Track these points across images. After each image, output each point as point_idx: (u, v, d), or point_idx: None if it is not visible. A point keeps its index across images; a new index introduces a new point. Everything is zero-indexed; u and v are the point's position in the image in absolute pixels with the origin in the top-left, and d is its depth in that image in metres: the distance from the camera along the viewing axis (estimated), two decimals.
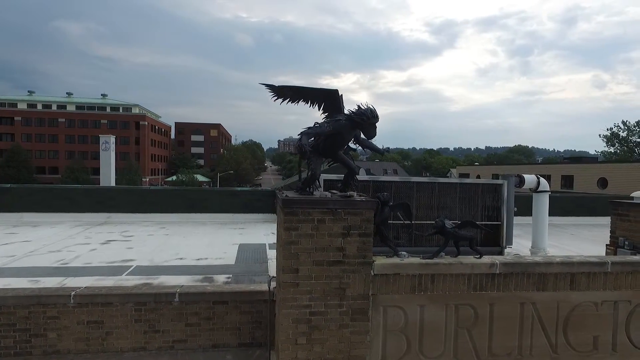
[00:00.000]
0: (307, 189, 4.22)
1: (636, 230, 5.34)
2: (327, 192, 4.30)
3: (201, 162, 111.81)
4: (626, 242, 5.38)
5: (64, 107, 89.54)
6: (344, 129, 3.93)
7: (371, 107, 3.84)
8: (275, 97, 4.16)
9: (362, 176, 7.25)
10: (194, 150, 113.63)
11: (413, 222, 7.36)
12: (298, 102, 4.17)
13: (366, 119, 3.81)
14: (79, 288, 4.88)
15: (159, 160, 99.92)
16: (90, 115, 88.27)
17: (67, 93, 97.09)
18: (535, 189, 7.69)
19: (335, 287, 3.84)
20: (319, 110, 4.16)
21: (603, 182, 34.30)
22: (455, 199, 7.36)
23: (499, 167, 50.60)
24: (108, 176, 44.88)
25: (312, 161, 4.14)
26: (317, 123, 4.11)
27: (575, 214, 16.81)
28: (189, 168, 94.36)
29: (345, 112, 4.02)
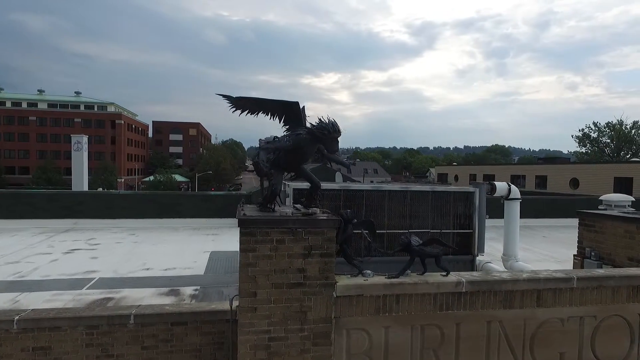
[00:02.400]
0: (268, 205, 4.02)
1: (602, 241, 5.35)
2: (289, 209, 4.10)
3: (180, 161, 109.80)
4: (593, 253, 5.38)
5: (35, 105, 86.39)
6: (305, 143, 3.75)
7: (332, 120, 3.67)
8: (234, 109, 3.94)
9: (333, 184, 7.07)
10: (172, 149, 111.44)
11: (386, 231, 7.25)
12: (257, 114, 3.96)
13: (327, 133, 3.64)
14: (25, 311, 4.53)
15: (135, 160, 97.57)
16: (63, 114, 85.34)
17: (38, 90, 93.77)
18: (507, 197, 7.68)
19: (295, 310, 3.65)
20: (279, 122, 3.96)
21: (575, 182, 35.26)
22: (428, 208, 7.27)
23: (476, 167, 51.45)
24: (80, 177, 43.44)
25: (272, 177, 3.94)
26: (277, 137, 3.91)
27: (547, 215, 17.14)
28: (167, 168, 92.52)
29: (307, 125, 3.83)
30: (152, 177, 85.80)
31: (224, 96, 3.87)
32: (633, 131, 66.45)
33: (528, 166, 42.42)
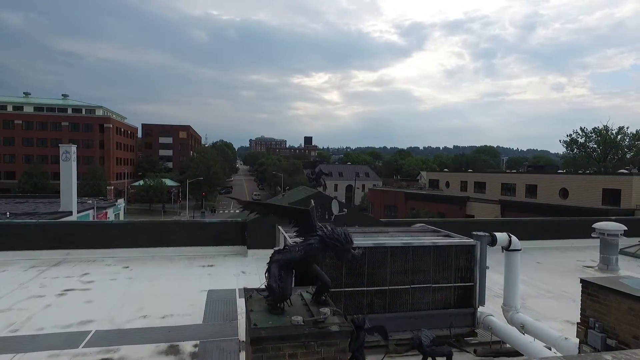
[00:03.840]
0: (278, 305, 3.96)
1: (605, 313, 5.39)
2: (299, 311, 4.03)
3: (169, 164, 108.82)
4: (596, 324, 5.41)
5: (21, 108, 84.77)
6: (317, 252, 3.70)
7: (345, 232, 3.62)
8: (243, 210, 3.87)
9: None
10: (162, 152, 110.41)
11: (388, 287, 7.21)
12: (268, 215, 3.90)
13: (339, 244, 3.59)
14: None
15: (124, 163, 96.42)
16: (50, 117, 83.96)
17: (24, 93, 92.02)
18: (507, 247, 7.72)
19: None
20: (289, 225, 3.89)
21: (564, 193, 35.76)
22: (430, 262, 7.27)
23: (467, 175, 51.90)
24: (69, 189, 42.76)
25: (281, 277, 3.88)
26: (287, 245, 3.85)
27: (540, 237, 17.32)
28: (157, 172, 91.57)
29: (319, 232, 3.77)
30: (141, 182, 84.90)
31: (233, 199, 3.80)
32: (619, 137, 67.83)
33: (518, 175, 42.98)
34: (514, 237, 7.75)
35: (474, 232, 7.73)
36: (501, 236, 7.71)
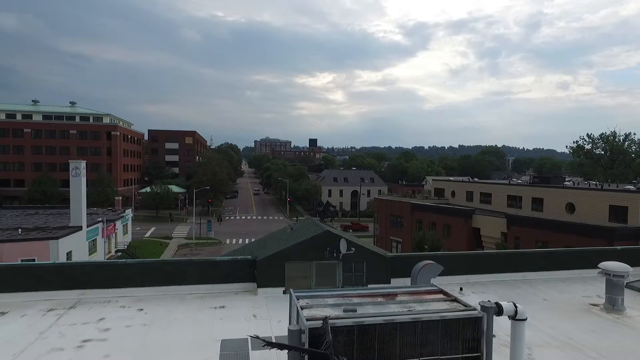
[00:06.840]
0: None
1: None
2: None
3: (176, 170, 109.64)
4: None
5: (30, 116, 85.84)
6: None
7: None
8: (264, 346, 4.14)
9: (344, 319, 7.26)
10: (168, 158, 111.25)
11: None
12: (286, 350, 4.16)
13: None
14: None
15: (132, 170, 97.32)
16: (59, 126, 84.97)
17: (32, 101, 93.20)
18: (514, 317, 7.93)
19: None
20: None
21: (571, 207, 35.73)
22: (438, 335, 7.49)
23: (472, 185, 51.96)
24: (79, 204, 43.38)
25: None
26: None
27: (546, 268, 17.46)
28: (163, 178, 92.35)
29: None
30: (148, 189, 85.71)
31: (255, 337, 4.07)
32: (626, 143, 67.52)
33: (524, 187, 42.99)
34: (520, 307, 7.98)
35: (481, 303, 7.95)
36: (507, 306, 7.94)
